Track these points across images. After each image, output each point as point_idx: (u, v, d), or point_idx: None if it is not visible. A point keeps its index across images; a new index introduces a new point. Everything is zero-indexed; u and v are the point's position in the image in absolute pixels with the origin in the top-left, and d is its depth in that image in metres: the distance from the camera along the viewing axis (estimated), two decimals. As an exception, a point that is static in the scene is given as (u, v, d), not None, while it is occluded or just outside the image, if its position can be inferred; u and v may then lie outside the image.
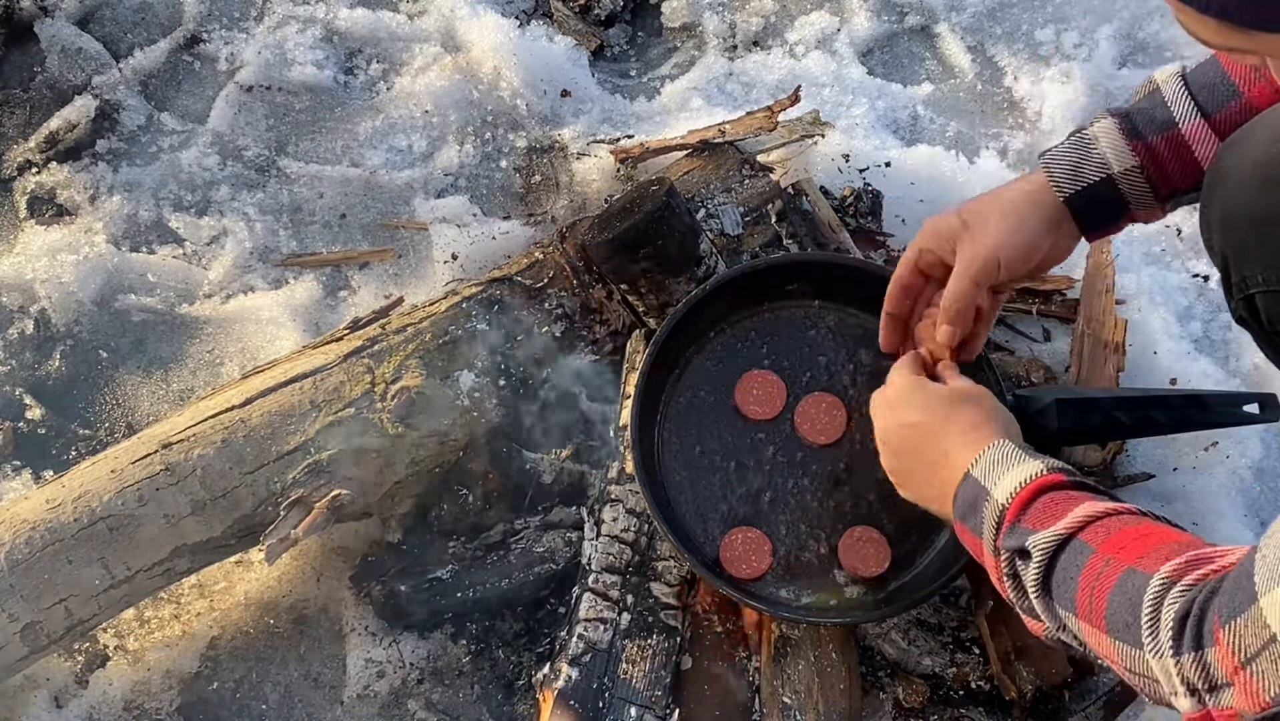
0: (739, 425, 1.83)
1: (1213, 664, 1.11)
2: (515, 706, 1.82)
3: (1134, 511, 1.29)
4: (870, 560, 1.74)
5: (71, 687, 1.85)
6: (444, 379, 1.86)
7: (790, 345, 1.87)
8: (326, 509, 1.75)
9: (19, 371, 2.12)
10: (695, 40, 2.55)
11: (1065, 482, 1.35)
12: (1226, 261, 1.44)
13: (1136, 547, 1.23)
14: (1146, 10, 2.54)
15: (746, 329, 1.89)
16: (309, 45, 2.44)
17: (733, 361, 1.87)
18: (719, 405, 1.84)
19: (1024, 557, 1.31)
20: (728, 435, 1.82)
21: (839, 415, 1.83)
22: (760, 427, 1.82)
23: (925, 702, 1.79)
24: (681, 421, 1.83)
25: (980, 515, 1.38)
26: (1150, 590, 1.17)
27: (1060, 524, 1.29)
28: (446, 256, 2.15)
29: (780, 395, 1.84)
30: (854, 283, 1.88)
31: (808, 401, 1.83)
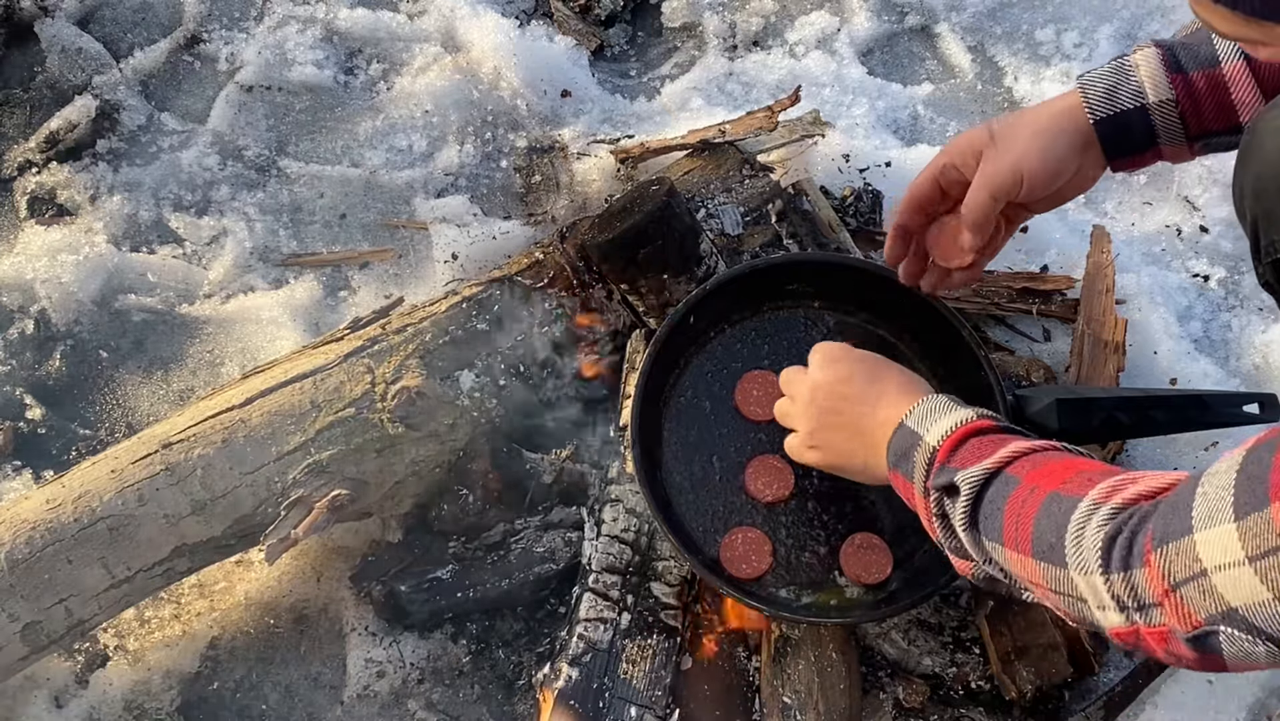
0: (739, 425, 1.83)
1: (1140, 584, 1.15)
2: (515, 706, 1.82)
3: (1059, 447, 1.34)
4: (872, 567, 1.74)
5: (71, 687, 1.85)
6: (444, 379, 1.86)
7: (791, 345, 1.87)
8: (326, 509, 1.75)
9: (19, 371, 2.12)
10: (695, 40, 2.55)
11: (994, 427, 1.41)
12: (1256, 225, 1.43)
13: (1060, 475, 1.28)
14: (1146, 10, 2.54)
15: (747, 329, 1.89)
16: (309, 45, 2.44)
17: (733, 362, 1.87)
18: (719, 405, 1.84)
19: (952, 494, 1.36)
20: (728, 435, 1.82)
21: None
22: (760, 428, 1.82)
23: (925, 702, 1.79)
24: (681, 421, 1.83)
25: (912, 460, 1.43)
26: (1077, 512, 1.21)
27: (988, 460, 1.34)
28: (446, 256, 2.15)
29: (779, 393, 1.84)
30: (854, 283, 1.88)
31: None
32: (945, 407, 1.46)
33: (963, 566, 1.41)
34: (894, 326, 1.88)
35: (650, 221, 1.85)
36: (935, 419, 1.44)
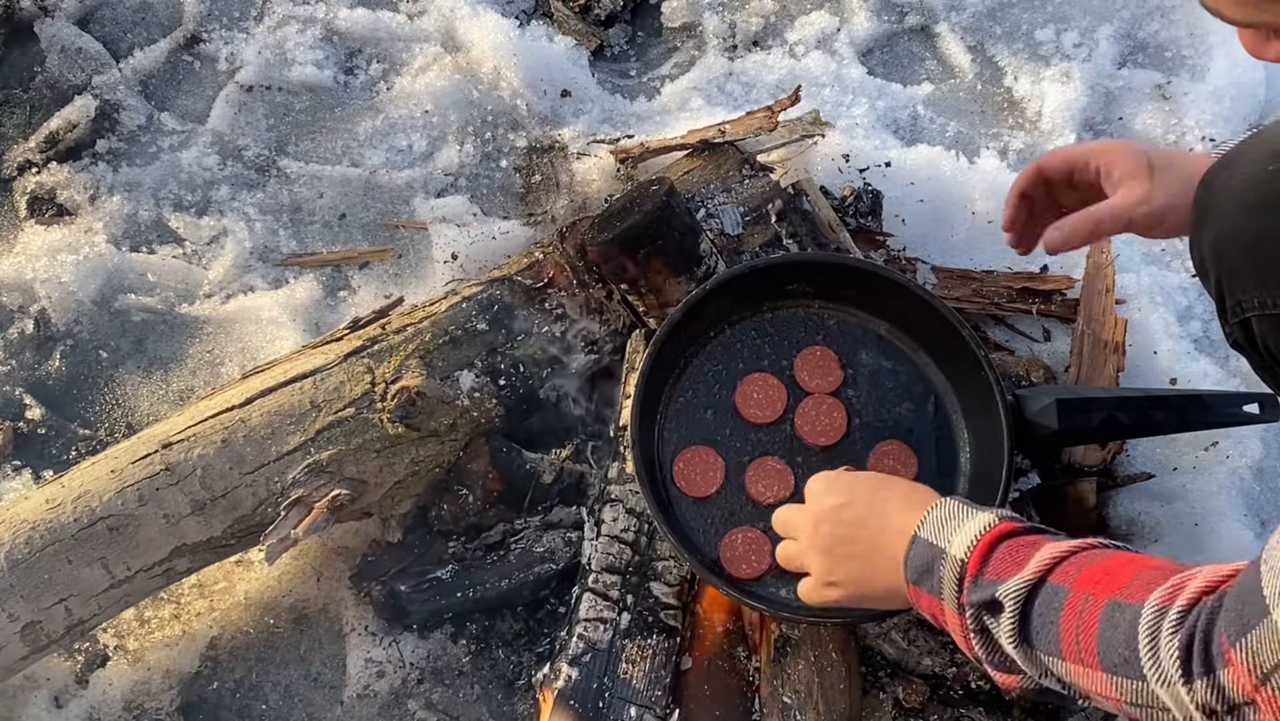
0: (740, 427, 1.83)
1: (1227, 685, 1.08)
2: (515, 706, 1.82)
3: (1097, 545, 1.27)
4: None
5: (71, 687, 1.85)
6: (444, 379, 1.86)
7: (791, 346, 1.87)
8: (326, 509, 1.75)
9: (19, 371, 2.12)
10: (695, 40, 2.55)
11: (1021, 529, 1.32)
12: (1221, 287, 1.43)
13: (1112, 580, 1.20)
14: (1146, 10, 2.54)
15: (747, 329, 1.89)
16: (309, 45, 2.44)
17: (734, 362, 1.87)
18: (720, 407, 1.84)
19: (993, 610, 1.28)
20: (729, 437, 1.82)
21: (839, 417, 1.83)
22: (761, 430, 1.82)
23: (925, 702, 1.79)
24: (681, 422, 1.83)
25: (938, 575, 1.33)
26: (1144, 620, 1.14)
27: (1027, 569, 1.25)
28: (446, 256, 2.15)
29: (781, 398, 1.84)
30: (854, 282, 1.88)
31: (808, 404, 1.84)
32: (961, 513, 1.36)
33: (1007, 681, 1.31)
34: (893, 326, 1.88)
35: (650, 221, 1.85)
36: (954, 527, 1.34)
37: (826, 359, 1.87)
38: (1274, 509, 2.00)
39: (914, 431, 1.84)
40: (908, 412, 1.85)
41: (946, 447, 1.84)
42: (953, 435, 1.84)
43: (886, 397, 1.86)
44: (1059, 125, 2.40)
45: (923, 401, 1.86)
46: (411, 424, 1.81)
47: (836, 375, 1.86)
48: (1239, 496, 1.98)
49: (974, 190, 2.24)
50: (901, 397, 1.86)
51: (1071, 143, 2.39)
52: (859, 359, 1.87)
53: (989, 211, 2.23)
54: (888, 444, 1.83)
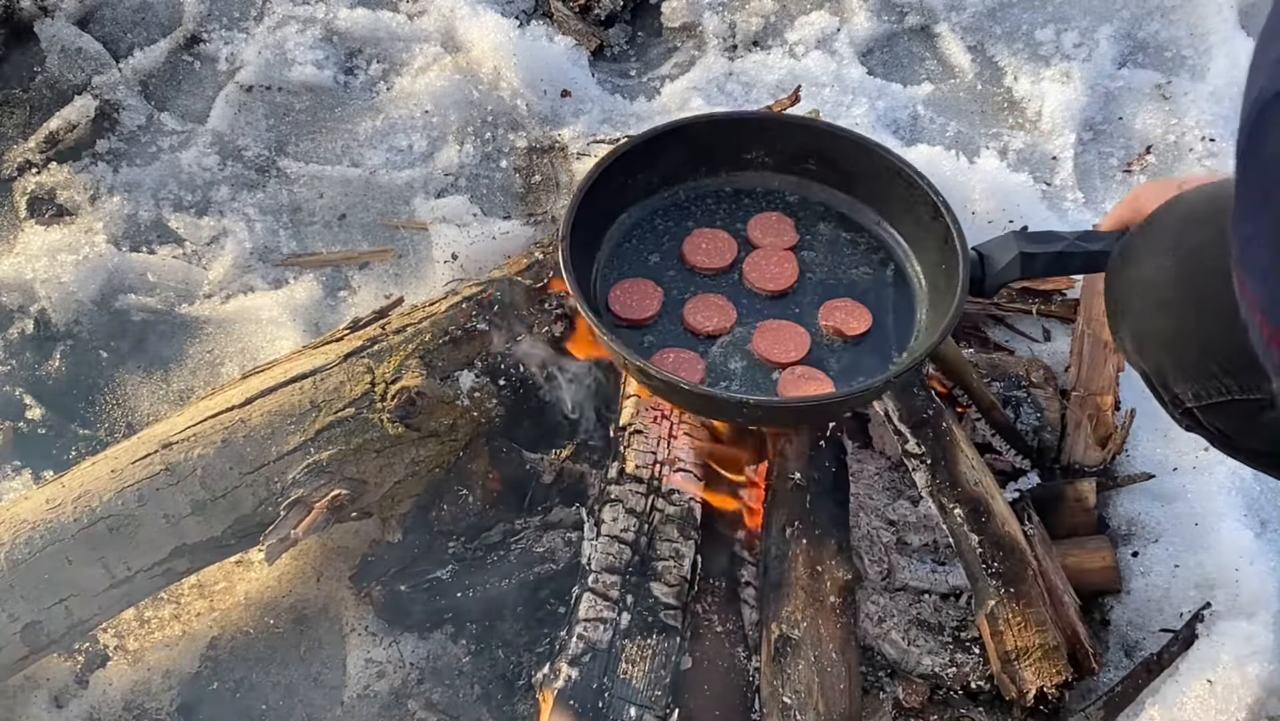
0: (684, 271, 1.83)
1: None
2: (515, 706, 1.82)
3: None
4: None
5: (71, 687, 1.85)
6: (444, 379, 1.86)
7: (746, 212, 1.88)
8: (326, 509, 1.75)
9: (19, 371, 2.12)
10: (695, 40, 2.55)
11: None
12: (1150, 379, 1.41)
13: None
14: (1146, 10, 2.54)
15: (703, 191, 1.89)
16: (309, 45, 2.44)
17: (684, 220, 1.87)
18: (666, 253, 1.84)
19: None
20: (672, 277, 1.83)
21: (790, 268, 1.82)
22: (706, 275, 1.83)
23: (925, 702, 1.79)
24: (623, 260, 1.83)
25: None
26: None
27: None
28: (446, 256, 2.15)
29: (730, 249, 1.84)
30: (815, 152, 1.87)
31: (759, 254, 1.83)
32: None
33: None
34: (855, 199, 1.88)
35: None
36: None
37: (782, 224, 1.87)
38: (1274, 509, 2.00)
39: (870, 292, 1.83)
40: (864, 276, 1.85)
41: (903, 304, 1.83)
42: (910, 293, 1.84)
43: (843, 262, 1.86)
44: (1059, 125, 2.40)
45: (882, 266, 1.86)
46: (411, 424, 1.81)
47: (791, 237, 1.86)
48: (1239, 496, 1.98)
49: (974, 190, 2.24)
50: (859, 262, 1.86)
51: (1072, 140, 2.39)
52: (817, 229, 1.87)
53: (989, 211, 2.23)
54: (840, 300, 1.81)
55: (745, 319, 1.80)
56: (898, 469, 1.94)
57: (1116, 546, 1.93)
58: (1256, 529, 1.96)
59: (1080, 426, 1.99)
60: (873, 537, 1.88)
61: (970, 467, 1.86)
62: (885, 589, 1.86)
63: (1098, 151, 2.43)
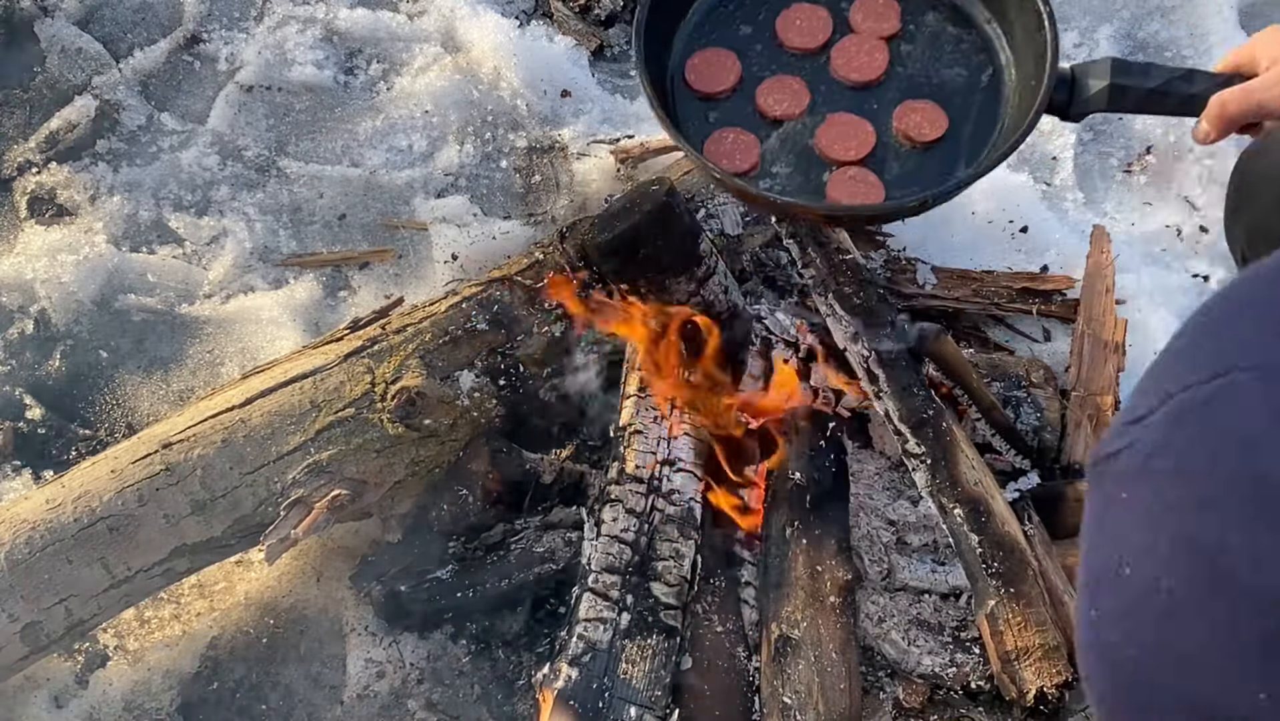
0: (771, 47, 1.75)
1: None
2: (515, 706, 1.82)
3: None
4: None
5: (71, 687, 1.85)
6: (444, 379, 1.86)
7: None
8: (326, 509, 1.75)
9: (19, 371, 2.12)
10: (695, 40, 2.55)
11: None
12: None
13: None
14: (1146, 10, 2.54)
15: None
16: (309, 45, 2.44)
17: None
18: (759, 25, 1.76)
19: None
20: (758, 52, 1.75)
21: (880, 58, 1.73)
22: (793, 55, 1.75)
23: (925, 702, 1.79)
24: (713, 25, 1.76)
25: None
26: None
27: None
28: (446, 256, 2.15)
29: (825, 30, 1.75)
30: None
31: (851, 40, 1.74)
32: None
33: None
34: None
35: (650, 221, 1.85)
36: None
37: (889, 8, 1.77)
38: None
39: (955, 97, 1.73)
40: (957, 78, 1.74)
41: (986, 117, 1.72)
42: (998, 105, 1.73)
43: (941, 59, 1.75)
44: (1059, 125, 2.40)
45: (979, 70, 1.75)
46: (411, 424, 1.81)
47: (894, 24, 1.77)
48: (1239, 496, 1.98)
49: (974, 190, 2.22)
50: (956, 62, 1.75)
51: (1072, 140, 2.39)
52: (924, 18, 1.78)
53: (989, 211, 2.23)
54: (921, 102, 1.71)
55: (818, 107, 1.70)
56: (898, 469, 1.94)
57: (1116, 546, 1.93)
58: (1256, 529, 1.95)
59: (1080, 426, 1.99)
60: (873, 537, 1.88)
61: (970, 467, 1.86)
62: (885, 589, 1.86)
63: (1098, 151, 2.43)
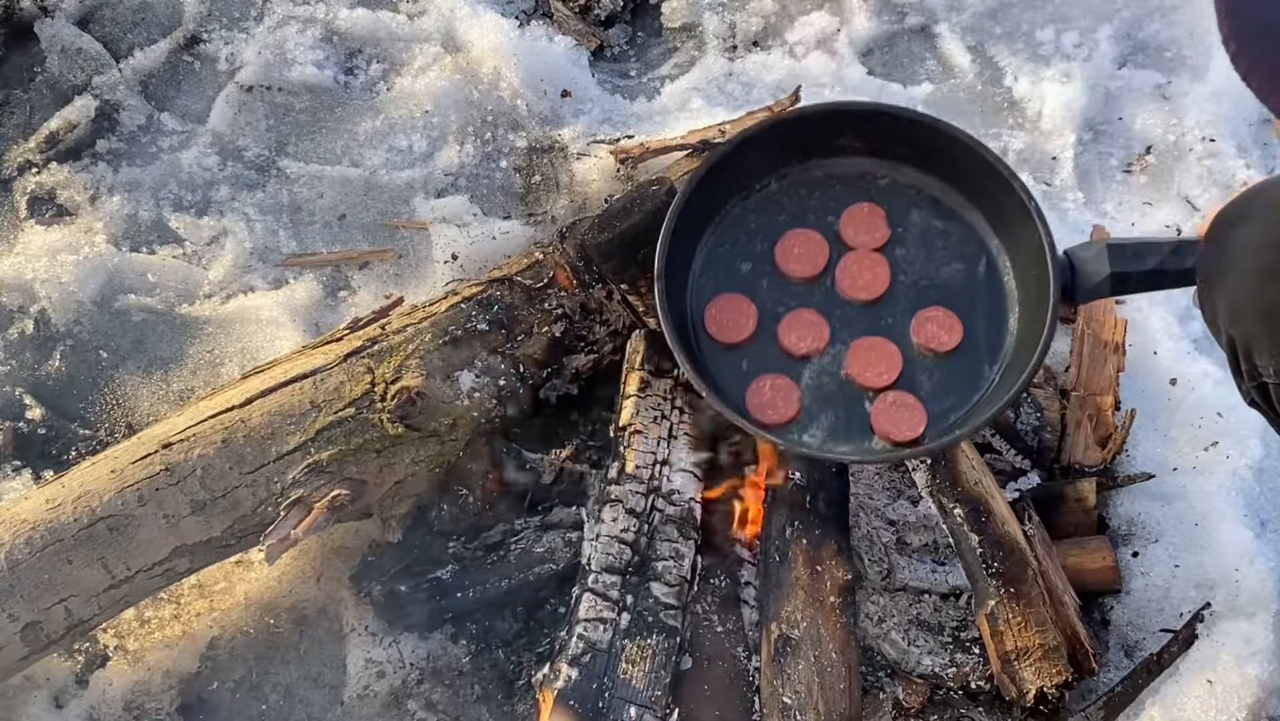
0: (777, 280, 1.80)
1: None
2: (515, 706, 1.82)
3: None
4: (903, 425, 1.70)
5: (71, 687, 1.85)
6: (444, 379, 1.86)
7: (838, 203, 1.82)
8: (326, 509, 1.75)
9: (19, 371, 2.12)
10: (695, 40, 2.55)
11: None
12: (1234, 348, 1.38)
13: None
14: (1146, 10, 2.54)
15: (794, 183, 1.85)
16: (309, 45, 2.44)
17: (776, 215, 1.82)
18: (758, 259, 1.80)
19: None
20: (764, 288, 1.79)
21: (882, 272, 1.78)
22: (799, 284, 1.79)
23: (925, 702, 1.79)
24: (717, 270, 1.79)
25: None
26: None
27: None
28: (446, 256, 2.15)
29: (823, 253, 1.80)
30: (908, 138, 1.82)
31: (851, 258, 1.78)
32: None
33: None
34: (946, 184, 1.83)
35: (650, 221, 1.85)
36: None
37: (874, 216, 1.81)
38: (1274, 509, 2.00)
39: (960, 295, 1.78)
40: (956, 273, 1.79)
41: (995, 310, 1.78)
42: (1002, 296, 1.78)
43: (935, 257, 1.80)
44: (1059, 125, 2.40)
45: (974, 262, 1.80)
46: (411, 424, 1.81)
47: (883, 232, 1.81)
48: (1239, 496, 1.98)
49: (974, 190, 2.24)
50: (951, 258, 1.80)
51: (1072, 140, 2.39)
52: (909, 219, 1.82)
53: (989, 211, 2.23)
54: (932, 310, 1.77)
55: (838, 335, 1.77)
56: (898, 469, 1.94)
57: (1116, 546, 1.93)
58: (1256, 529, 1.96)
59: (1080, 426, 1.99)
60: (873, 537, 1.88)
61: (970, 467, 1.86)
62: (885, 589, 1.87)
63: (1098, 151, 2.43)
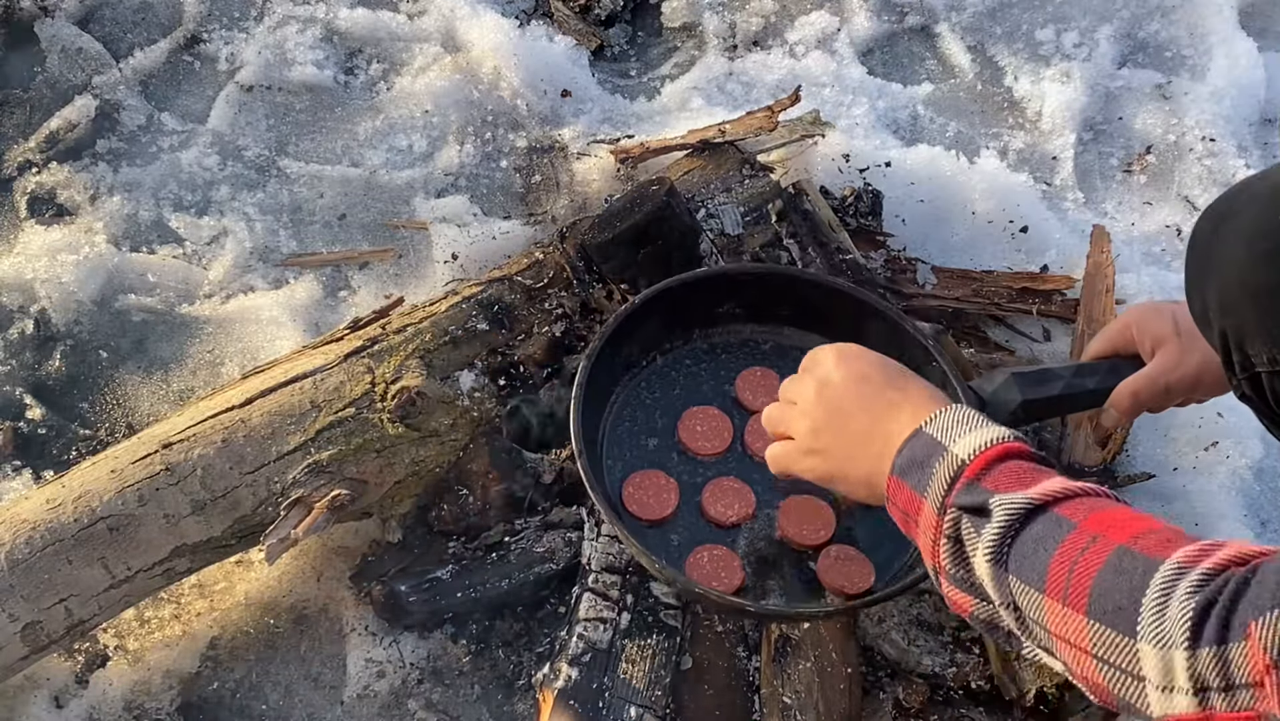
0: (688, 458, 1.79)
1: (1235, 660, 1.01)
2: (515, 706, 1.82)
3: (1108, 494, 1.20)
4: (854, 577, 1.68)
5: (71, 687, 1.85)
6: (444, 379, 1.86)
7: (729, 371, 1.83)
8: (326, 509, 1.75)
9: (19, 371, 2.12)
10: (695, 40, 2.55)
11: (1031, 454, 1.25)
12: (1226, 339, 1.36)
13: (1127, 527, 1.13)
14: (1146, 10, 2.54)
15: (680, 356, 1.85)
16: (309, 45, 2.44)
17: (671, 390, 1.82)
18: (663, 436, 1.80)
19: (978, 516, 1.20)
20: (676, 464, 1.78)
21: None
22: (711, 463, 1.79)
23: (925, 702, 1.79)
24: (625, 449, 1.78)
25: (929, 470, 1.25)
26: (1160, 574, 1.06)
27: (1033, 490, 1.18)
28: (446, 256, 2.15)
29: (726, 428, 1.80)
30: (787, 298, 1.83)
31: (757, 420, 1.75)
32: (974, 420, 1.29)
33: (961, 602, 1.24)
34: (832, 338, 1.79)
35: (650, 221, 1.85)
36: (963, 430, 1.27)
37: (768, 378, 1.81)
38: (1274, 509, 2.00)
39: None
40: None
41: None
42: None
43: None
44: (1059, 125, 2.40)
45: None
46: (411, 424, 1.81)
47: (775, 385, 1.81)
48: (1239, 496, 1.98)
49: (974, 190, 2.24)
50: None
51: (1072, 140, 2.39)
52: None
53: (989, 211, 2.23)
54: None
55: (764, 497, 1.75)
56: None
57: (1116, 546, 1.93)
58: (1256, 529, 1.96)
59: (1080, 426, 1.99)
60: (873, 537, 1.88)
61: (970, 467, 1.85)
62: (885, 589, 1.86)
63: (1098, 151, 2.43)
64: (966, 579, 1.22)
